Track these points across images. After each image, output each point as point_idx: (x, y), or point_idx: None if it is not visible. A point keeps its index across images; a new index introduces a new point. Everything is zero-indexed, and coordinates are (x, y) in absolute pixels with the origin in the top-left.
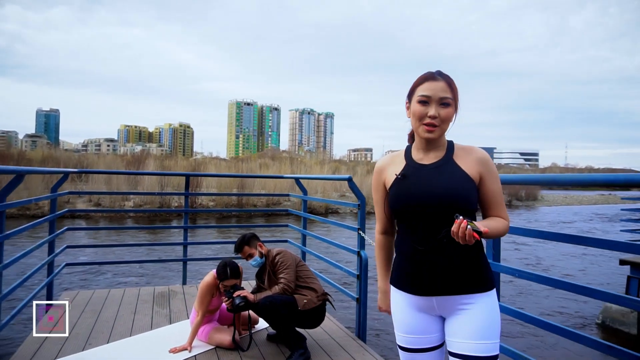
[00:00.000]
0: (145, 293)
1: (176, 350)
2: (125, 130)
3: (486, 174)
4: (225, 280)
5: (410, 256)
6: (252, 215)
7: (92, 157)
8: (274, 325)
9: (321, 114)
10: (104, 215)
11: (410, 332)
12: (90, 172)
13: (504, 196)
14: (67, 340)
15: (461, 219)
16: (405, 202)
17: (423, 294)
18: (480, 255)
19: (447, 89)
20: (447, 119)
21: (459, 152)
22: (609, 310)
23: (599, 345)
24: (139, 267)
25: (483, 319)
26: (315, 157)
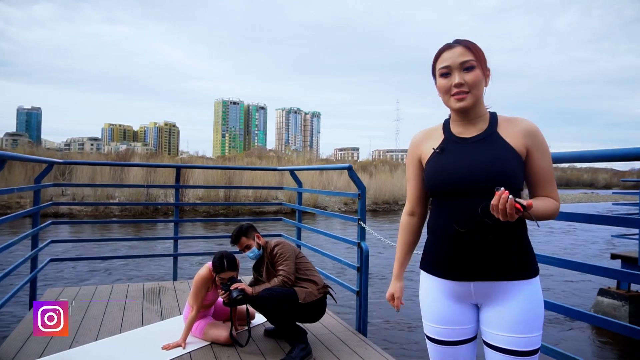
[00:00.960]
0: (134, 289)
1: (169, 347)
2: (109, 129)
3: (534, 148)
4: (222, 272)
5: (446, 237)
6: (239, 213)
7: (76, 156)
8: (273, 319)
9: (308, 113)
10: (88, 214)
11: (443, 323)
12: (76, 163)
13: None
14: (52, 337)
15: (502, 190)
16: (444, 178)
17: (460, 279)
18: (525, 237)
19: (466, 52)
20: (476, 83)
21: (504, 123)
22: (601, 303)
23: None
24: (126, 263)
25: (526, 310)
26: (302, 156)
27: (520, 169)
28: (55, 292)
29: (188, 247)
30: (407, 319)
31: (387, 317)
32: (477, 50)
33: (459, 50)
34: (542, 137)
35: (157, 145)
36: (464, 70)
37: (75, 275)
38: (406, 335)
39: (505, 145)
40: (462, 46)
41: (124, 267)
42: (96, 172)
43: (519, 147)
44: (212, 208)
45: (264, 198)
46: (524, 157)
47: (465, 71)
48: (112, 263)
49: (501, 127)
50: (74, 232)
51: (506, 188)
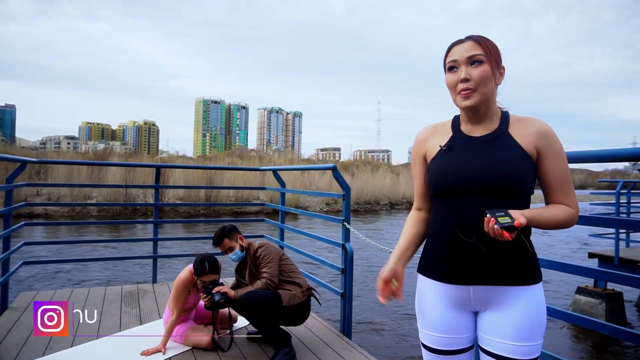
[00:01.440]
0: (111, 292)
1: (149, 352)
2: (86, 127)
3: (546, 150)
4: (204, 275)
5: (447, 238)
6: (221, 213)
7: (52, 155)
8: (257, 323)
9: (289, 113)
10: (64, 214)
11: (441, 331)
12: (50, 162)
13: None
14: (24, 345)
15: (488, 217)
16: (448, 177)
17: (458, 282)
18: (528, 242)
19: (475, 46)
20: (483, 79)
21: (515, 123)
22: (579, 302)
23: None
24: (106, 267)
25: (527, 317)
26: (283, 156)
27: (530, 172)
28: (28, 297)
29: (167, 249)
30: (391, 320)
31: (371, 319)
32: (489, 45)
33: (468, 44)
34: (556, 138)
35: (136, 144)
36: (471, 64)
37: (49, 278)
38: (391, 336)
39: (516, 145)
40: (472, 41)
41: (101, 269)
42: (73, 172)
43: (529, 149)
44: (193, 208)
45: (245, 198)
46: (535, 159)
47: (473, 65)
48: (87, 265)
49: (512, 127)
50: (49, 234)
51: (512, 191)
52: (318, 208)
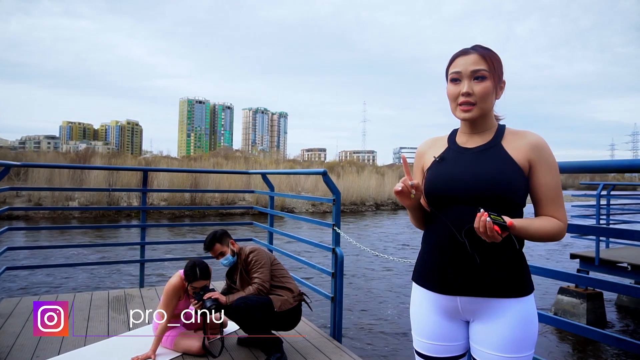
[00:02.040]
0: (98, 298)
1: (139, 359)
2: (67, 127)
3: (539, 163)
4: (195, 281)
5: (438, 249)
6: (205, 215)
7: (31, 155)
8: (249, 329)
9: (275, 113)
10: (45, 217)
11: (433, 339)
12: (35, 165)
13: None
14: (9, 353)
15: (482, 212)
16: (439, 187)
17: (446, 292)
18: (515, 252)
19: (480, 61)
20: (484, 95)
21: (509, 136)
22: (561, 302)
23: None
24: (91, 272)
25: (516, 329)
26: (269, 156)
27: (521, 184)
28: (11, 303)
29: (152, 252)
30: (380, 324)
31: (361, 323)
32: (493, 60)
33: (473, 57)
34: (549, 152)
35: (119, 144)
36: (474, 79)
37: (33, 283)
38: (380, 340)
39: (507, 157)
40: (477, 54)
41: (85, 274)
42: (54, 173)
43: (521, 161)
44: (178, 211)
45: (231, 200)
46: (526, 172)
47: (476, 80)
48: (68, 271)
49: (506, 139)
50: (29, 237)
51: (502, 202)
52: (304, 209)
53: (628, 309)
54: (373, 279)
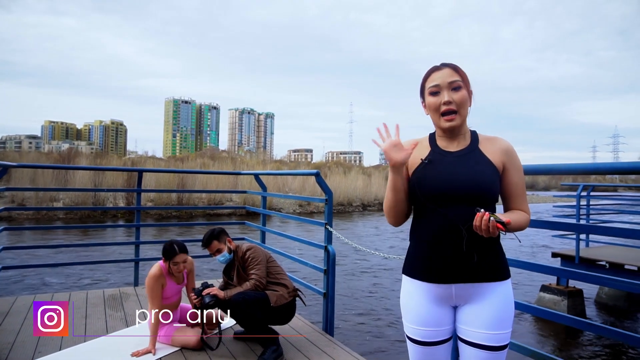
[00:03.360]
0: (94, 296)
1: (139, 353)
2: (50, 126)
3: (510, 165)
4: (175, 256)
5: (430, 243)
6: (193, 215)
7: (13, 155)
8: (246, 323)
9: (261, 113)
10: (29, 217)
11: (425, 325)
12: (31, 166)
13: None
14: (11, 349)
15: (482, 212)
16: (429, 187)
17: (442, 282)
18: (498, 243)
19: (454, 73)
20: (463, 102)
21: (484, 141)
22: (543, 299)
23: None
24: (82, 270)
25: (500, 309)
26: (255, 157)
27: (497, 183)
28: (7, 302)
29: (145, 251)
30: (370, 318)
31: (351, 318)
32: (463, 73)
33: (448, 71)
34: (517, 155)
35: (102, 144)
36: (452, 89)
37: (28, 283)
38: (370, 333)
39: (486, 160)
40: (450, 68)
41: (74, 273)
42: (37, 173)
43: (497, 163)
44: (165, 211)
45: (218, 201)
46: (500, 172)
47: (454, 90)
48: (62, 270)
49: (482, 144)
50: (15, 239)
51: (485, 199)
52: (291, 209)
53: (607, 306)
54: (362, 276)
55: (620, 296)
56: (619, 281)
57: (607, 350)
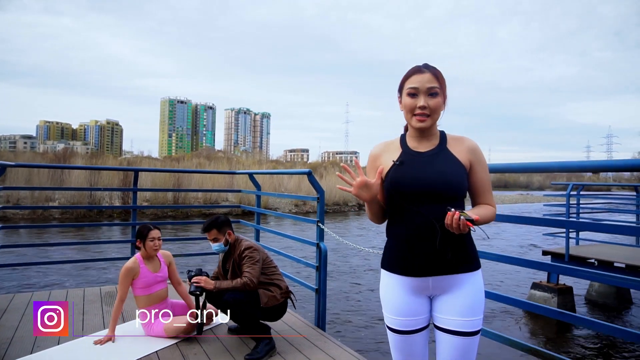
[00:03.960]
0: (91, 293)
1: (102, 341)
2: (45, 126)
3: (476, 163)
4: (149, 232)
5: (406, 239)
6: (189, 215)
7: (8, 155)
8: (237, 319)
9: (257, 113)
10: (24, 217)
11: (402, 315)
12: (29, 166)
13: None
14: (10, 344)
15: (453, 211)
16: (402, 187)
17: (420, 275)
18: (469, 237)
19: (433, 79)
20: (437, 109)
21: (452, 141)
22: (534, 296)
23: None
24: (78, 268)
25: (471, 297)
26: (252, 157)
27: (465, 180)
28: (5, 299)
29: None
30: (360, 314)
31: (342, 314)
32: (442, 79)
33: (428, 76)
34: (482, 153)
35: (98, 144)
36: (429, 95)
37: (25, 281)
38: (360, 328)
39: (455, 159)
40: (430, 73)
41: (71, 272)
42: (33, 173)
43: (465, 162)
44: (160, 210)
45: (214, 200)
46: (468, 170)
47: (430, 96)
48: (58, 268)
49: (450, 144)
50: (12, 238)
51: (455, 196)
52: (287, 209)
53: (596, 303)
54: (357, 273)
55: (609, 293)
56: (607, 275)
57: (595, 345)
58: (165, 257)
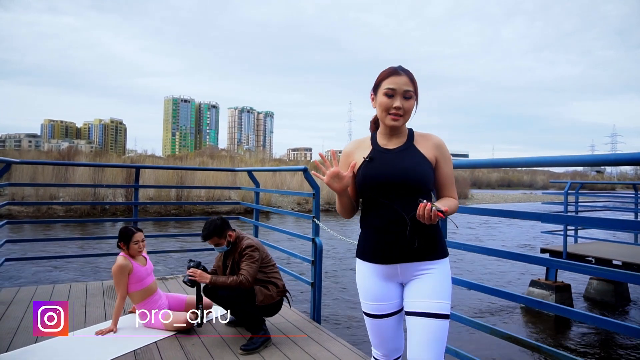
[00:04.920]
0: (93, 287)
1: (103, 332)
2: (49, 125)
3: (441, 158)
4: (133, 235)
5: (377, 230)
6: (192, 213)
7: (13, 153)
8: (233, 314)
9: (261, 112)
10: (29, 214)
11: (376, 300)
12: (33, 163)
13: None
14: (15, 334)
15: (425, 202)
16: (372, 182)
17: (389, 262)
18: (437, 228)
19: (409, 83)
20: (410, 110)
21: (418, 138)
22: (532, 293)
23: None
24: (82, 263)
25: (438, 282)
26: (255, 155)
27: (431, 174)
28: (11, 292)
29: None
30: (355, 308)
31: (337, 307)
32: (416, 83)
33: (405, 79)
34: (447, 149)
35: (102, 143)
36: (404, 97)
37: (29, 275)
38: (353, 322)
39: (421, 155)
40: (407, 77)
41: (74, 266)
42: (37, 171)
43: (430, 157)
44: (163, 208)
45: (217, 197)
46: (433, 165)
47: (405, 99)
48: (60, 262)
49: (417, 141)
50: (17, 234)
51: (421, 189)
52: (290, 207)
53: (595, 300)
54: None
55: (608, 291)
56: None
57: (590, 341)
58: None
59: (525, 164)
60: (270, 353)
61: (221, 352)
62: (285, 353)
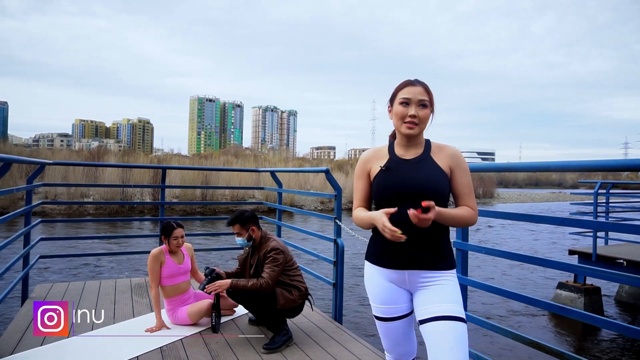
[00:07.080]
0: (122, 284)
1: (153, 330)
2: (80, 125)
3: (457, 168)
4: (173, 231)
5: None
6: (217, 212)
7: (46, 153)
8: (254, 314)
9: (285, 111)
10: (61, 212)
11: (384, 303)
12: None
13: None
14: None
15: (410, 210)
16: (388, 191)
17: (397, 268)
18: (447, 239)
19: (424, 93)
20: (425, 119)
21: (435, 149)
22: (560, 296)
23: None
24: (111, 261)
25: (448, 290)
26: (278, 154)
27: (447, 185)
28: (45, 288)
29: None
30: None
31: (357, 307)
32: (431, 94)
33: (420, 89)
34: (463, 159)
35: (130, 142)
36: (419, 106)
37: (60, 272)
38: (374, 322)
39: (437, 166)
40: (422, 87)
41: (104, 264)
42: (69, 170)
43: (446, 168)
44: (189, 207)
45: (241, 197)
46: (449, 176)
47: (420, 107)
48: (93, 260)
49: (433, 152)
50: (47, 231)
51: (436, 199)
52: (313, 206)
53: (627, 304)
54: None
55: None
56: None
57: (621, 347)
58: (187, 250)
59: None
60: (292, 352)
61: (244, 351)
62: (306, 352)
